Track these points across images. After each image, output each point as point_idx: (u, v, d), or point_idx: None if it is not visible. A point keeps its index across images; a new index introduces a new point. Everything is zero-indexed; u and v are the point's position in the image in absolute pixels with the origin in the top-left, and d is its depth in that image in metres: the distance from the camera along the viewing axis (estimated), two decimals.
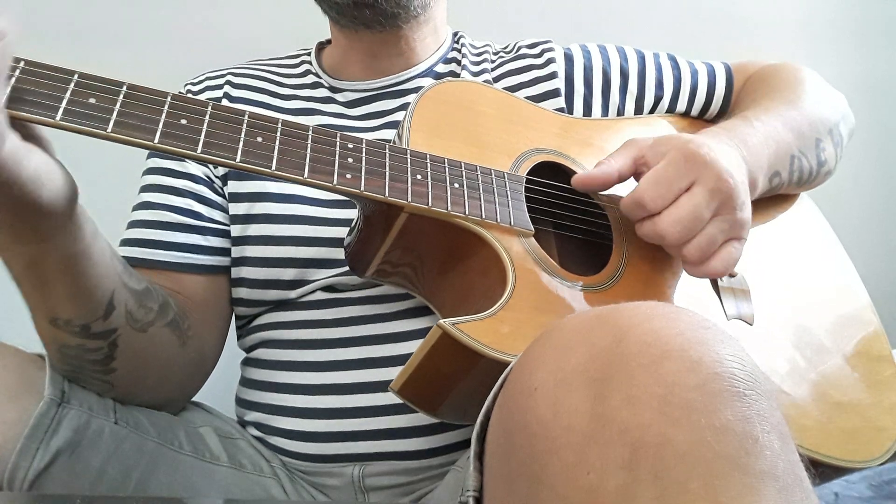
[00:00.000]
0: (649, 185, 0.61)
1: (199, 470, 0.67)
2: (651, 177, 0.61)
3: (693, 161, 0.60)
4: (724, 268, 0.62)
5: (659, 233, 0.61)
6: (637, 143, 0.65)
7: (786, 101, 0.78)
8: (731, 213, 0.61)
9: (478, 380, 0.54)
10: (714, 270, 0.62)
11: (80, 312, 0.58)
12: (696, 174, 0.60)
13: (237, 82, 0.83)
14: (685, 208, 0.60)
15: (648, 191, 0.61)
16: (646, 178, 0.62)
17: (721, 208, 0.61)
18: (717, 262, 0.62)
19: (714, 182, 0.60)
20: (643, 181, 0.62)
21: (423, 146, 0.63)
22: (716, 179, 0.60)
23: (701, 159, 0.60)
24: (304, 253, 0.73)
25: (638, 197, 0.61)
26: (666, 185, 0.60)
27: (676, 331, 0.39)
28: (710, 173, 0.60)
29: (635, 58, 0.85)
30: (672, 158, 0.61)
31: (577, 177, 0.65)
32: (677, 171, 0.60)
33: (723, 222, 0.61)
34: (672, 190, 0.60)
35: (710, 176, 0.60)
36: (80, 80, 0.50)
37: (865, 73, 1.37)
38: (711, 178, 0.60)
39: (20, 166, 0.47)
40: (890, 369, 0.75)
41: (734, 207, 0.61)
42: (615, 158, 0.65)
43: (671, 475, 0.34)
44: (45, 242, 0.53)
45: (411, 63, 0.83)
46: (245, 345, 0.79)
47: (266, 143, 0.55)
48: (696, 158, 0.60)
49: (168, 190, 0.77)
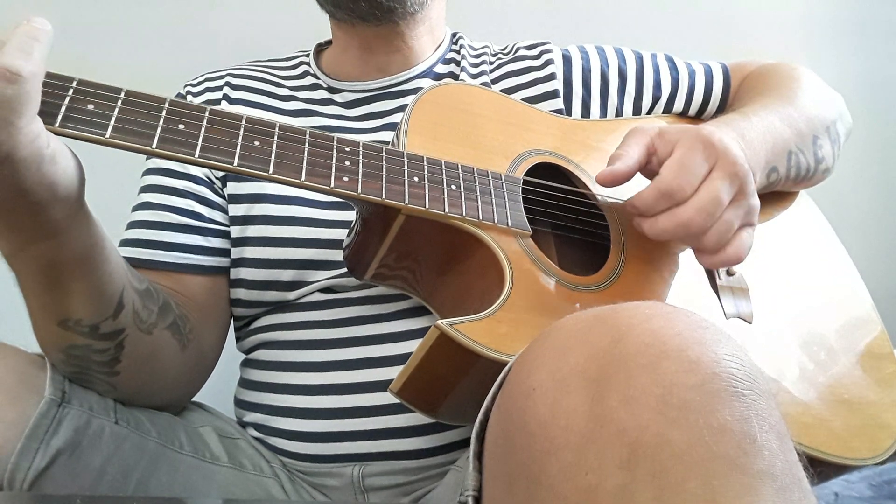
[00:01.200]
0: (675, 173, 0.59)
1: (200, 470, 0.67)
2: (673, 166, 0.60)
3: (711, 147, 0.60)
4: (737, 256, 0.61)
5: (684, 221, 0.59)
6: (644, 132, 0.64)
7: (783, 99, 0.78)
8: (746, 199, 0.61)
9: (476, 380, 0.54)
10: (729, 258, 0.61)
11: (92, 311, 0.58)
12: (715, 159, 0.60)
13: (236, 83, 0.83)
14: (708, 195, 0.59)
15: (677, 179, 0.59)
16: (667, 167, 0.60)
17: (738, 194, 0.60)
18: (732, 249, 0.61)
19: (731, 167, 0.60)
20: (665, 171, 0.60)
21: (421, 148, 0.63)
22: (733, 164, 0.60)
23: (717, 145, 0.60)
24: (303, 254, 0.73)
25: (665, 187, 0.59)
26: (691, 171, 0.59)
27: (675, 331, 0.39)
28: (728, 159, 0.60)
29: (633, 59, 0.85)
30: (690, 146, 0.60)
31: (601, 174, 0.62)
32: (699, 157, 0.60)
33: (738, 208, 0.61)
34: (697, 177, 0.59)
35: (728, 161, 0.60)
36: (78, 87, 0.50)
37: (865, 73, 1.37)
38: (729, 164, 0.60)
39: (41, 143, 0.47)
40: (891, 367, 0.75)
41: (748, 193, 0.61)
42: (631, 148, 0.63)
43: (669, 475, 0.34)
44: (61, 235, 0.54)
45: (410, 63, 0.83)
46: (244, 346, 0.79)
47: (263, 146, 0.55)
48: (712, 144, 0.60)
49: (168, 190, 0.77)
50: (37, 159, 0.47)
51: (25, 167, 0.47)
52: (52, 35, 0.48)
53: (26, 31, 0.47)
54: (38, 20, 0.48)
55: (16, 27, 0.47)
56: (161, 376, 0.68)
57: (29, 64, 0.45)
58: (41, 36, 0.47)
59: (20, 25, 0.47)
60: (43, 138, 0.47)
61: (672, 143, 0.62)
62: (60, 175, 0.50)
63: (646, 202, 0.61)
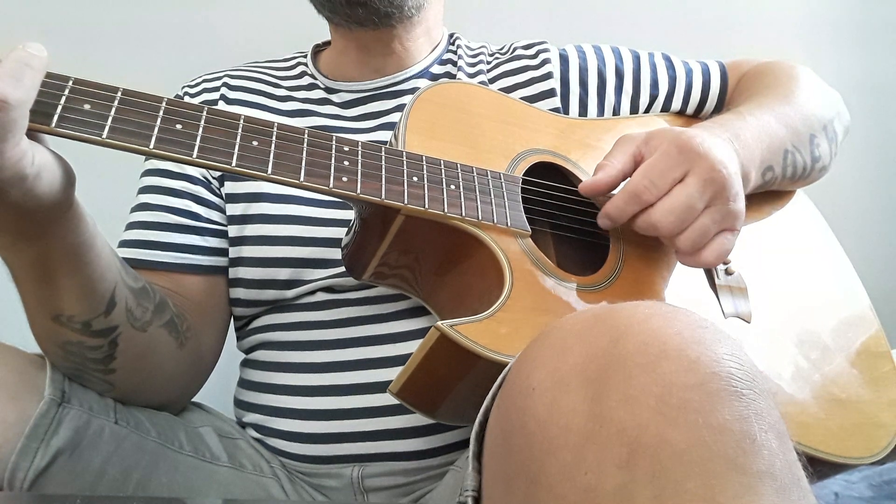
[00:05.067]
0: (642, 176, 0.61)
1: (200, 470, 0.67)
2: (644, 168, 0.61)
3: (686, 151, 0.60)
4: (715, 258, 0.62)
5: (653, 223, 0.61)
6: (632, 140, 0.65)
7: (780, 97, 0.78)
8: (725, 204, 0.61)
9: (476, 381, 0.54)
10: (706, 261, 0.62)
11: (83, 307, 0.59)
12: (690, 164, 0.60)
13: (234, 84, 0.83)
14: (678, 198, 0.60)
15: (642, 181, 0.61)
16: (639, 170, 0.62)
17: (714, 199, 0.61)
18: (709, 252, 0.62)
19: (707, 172, 0.60)
20: (636, 173, 0.62)
21: (420, 148, 0.63)
22: (709, 170, 0.60)
23: (694, 150, 0.60)
24: (300, 253, 0.73)
25: (632, 188, 0.61)
26: (659, 175, 0.60)
27: (674, 330, 0.39)
28: (704, 164, 0.60)
29: (630, 58, 0.85)
30: (665, 150, 0.61)
31: (583, 184, 0.65)
32: (670, 162, 0.60)
33: (716, 213, 0.61)
34: (666, 180, 0.60)
35: (704, 166, 0.60)
36: (74, 87, 0.50)
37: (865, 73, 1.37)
38: (705, 169, 0.60)
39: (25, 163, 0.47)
40: (888, 365, 0.75)
41: (727, 198, 0.61)
42: (615, 158, 0.64)
43: (669, 475, 0.34)
44: (48, 237, 0.54)
45: (406, 64, 0.83)
46: (244, 346, 0.79)
47: (262, 146, 0.55)
48: (689, 149, 0.60)
49: (166, 191, 0.77)
50: (20, 179, 0.47)
51: (9, 186, 0.47)
52: (46, 61, 0.47)
53: (19, 56, 0.46)
54: (33, 46, 0.47)
55: (10, 51, 0.46)
56: (158, 374, 0.68)
57: (17, 91, 0.44)
58: (34, 62, 0.46)
59: (14, 50, 0.46)
60: (28, 158, 0.47)
61: (655, 148, 0.62)
62: (45, 189, 0.50)
63: (615, 204, 0.62)
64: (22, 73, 0.45)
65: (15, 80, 0.45)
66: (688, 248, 0.61)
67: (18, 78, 0.45)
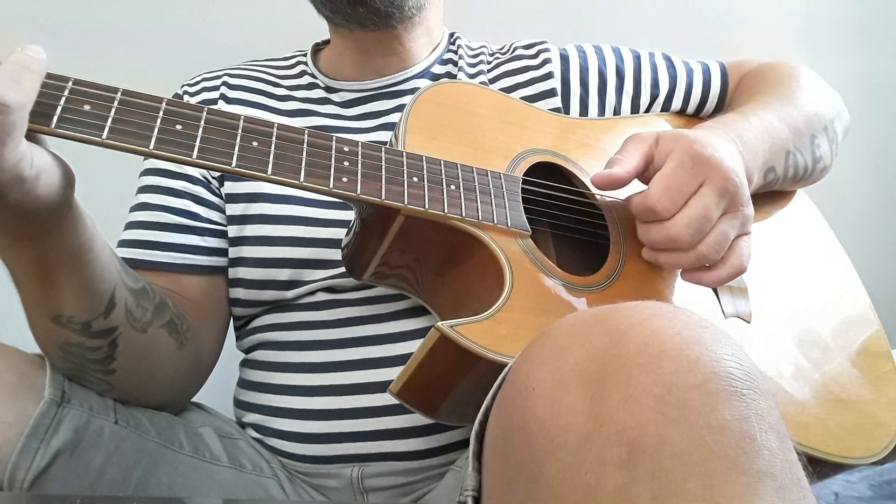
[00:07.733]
0: (660, 191, 0.61)
1: (199, 470, 0.67)
2: (661, 182, 0.61)
3: (701, 163, 0.60)
4: (739, 264, 0.63)
5: (671, 237, 0.60)
6: (643, 139, 0.65)
7: (781, 98, 0.78)
8: (740, 210, 0.62)
9: (476, 381, 0.54)
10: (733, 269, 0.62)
11: (83, 308, 0.59)
12: (705, 176, 0.60)
13: (233, 83, 0.83)
14: (696, 209, 0.60)
15: (662, 199, 0.60)
16: (655, 183, 0.61)
17: (729, 207, 0.61)
18: (733, 259, 0.62)
19: (722, 182, 0.60)
20: (653, 187, 0.61)
21: (420, 148, 0.63)
22: (724, 179, 0.60)
23: (708, 161, 0.60)
24: (300, 253, 0.73)
25: (651, 204, 0.61)
26: (677, 190, 0.60)
27: (674, 330, 0.39)
28: (719, 174, 0.60)
29: (630, 58, 0.85)
30: (680, 161, 0.61)
31: (598, 175, 0.63)
32: (686, 175, 0.60)
33: (733, 219, 0.61)
34: (683, 194, 0.60)
35: (719, 177, 0.60)
36: (74, 88, 0.49)
37: (865, 73, 1.37)
38: (720, 179, 0.60)
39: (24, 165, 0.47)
40: (889, 365, 0.75)
41: (741, 204, 0.61)
42: (630, 155, 0.64)
43: (669, 475, 0.34)
44: (48, 238, 0.54)
45: (407, 64, 0.83)
46: (243, 346, 0.79)
47: (261, 147, 0.55)
48: (703, 160, 0.60)
49: (165, 191, 0.77)
50: (19, 180, 0.47)
51: (8, 188, 0.47)
52: (46, 64, 0.47)
53: (18, 59, 0.46)
54: (32, 48, 0.47)
55: (10, 53, 0.46)
56: (158, 375, 0.68)
57: (16, 94, 0.44)
58: (34, 65, 0.46)
59: (14, 53, 0.46)
60: (27, 160, 0.47)
61: (666, 152, 0.62)
62: (44, 190, 0.50)
63: (634, 211, 0.63)
64: (21, 75, 0.45)
65: (14, 83, 0.44)
66: (712, 257, 0.61)
67: (18, 81, 0.45)
